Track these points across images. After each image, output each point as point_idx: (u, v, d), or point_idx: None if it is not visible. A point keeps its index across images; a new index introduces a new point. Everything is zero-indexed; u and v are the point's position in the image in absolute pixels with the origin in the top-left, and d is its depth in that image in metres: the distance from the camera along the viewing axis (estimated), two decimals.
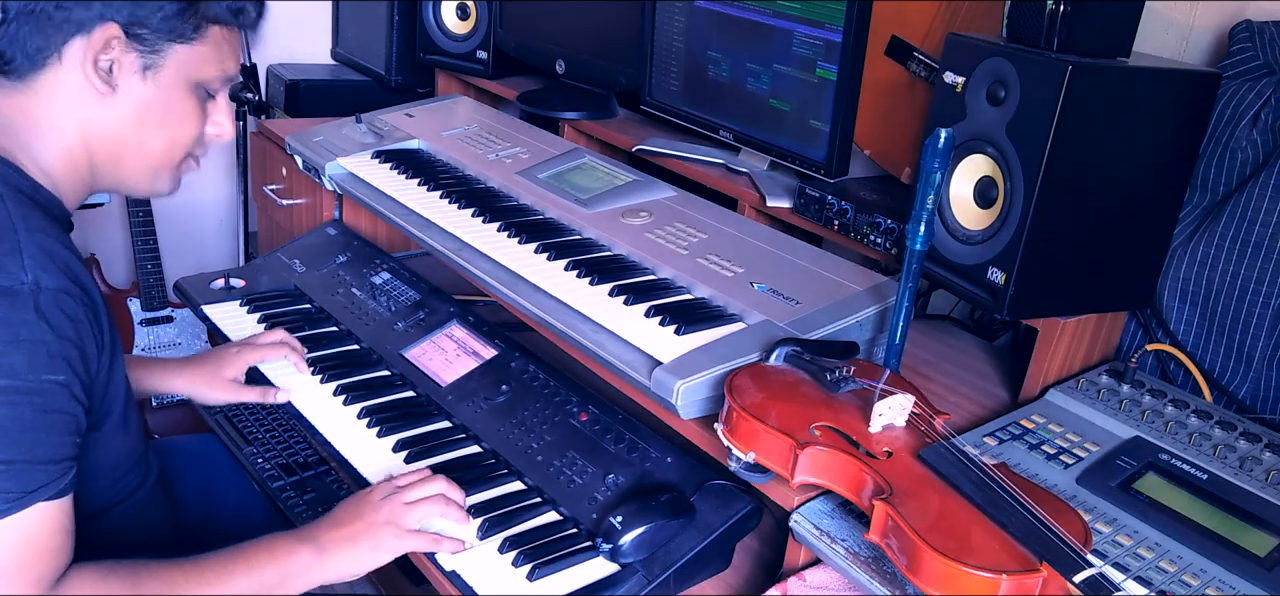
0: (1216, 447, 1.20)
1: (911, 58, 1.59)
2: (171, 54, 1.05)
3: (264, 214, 2.41)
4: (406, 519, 1.17)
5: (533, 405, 1.41)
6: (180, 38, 1.05)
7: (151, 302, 2.58)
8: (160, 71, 1.05)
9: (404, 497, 1.18)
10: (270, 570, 1.08)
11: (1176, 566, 1.00)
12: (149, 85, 1.05)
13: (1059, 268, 1.25)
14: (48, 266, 0.94)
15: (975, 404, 1.38)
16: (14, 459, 0.91)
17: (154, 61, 1.04)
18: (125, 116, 1.05)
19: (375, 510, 1.17)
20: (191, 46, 1.06)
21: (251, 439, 1.54)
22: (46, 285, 0.93)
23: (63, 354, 0.94)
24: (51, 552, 0.95)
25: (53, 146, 1.04)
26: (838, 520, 1.10)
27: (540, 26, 2.22)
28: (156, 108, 1.06)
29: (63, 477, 0.95)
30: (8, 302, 0.91)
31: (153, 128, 1.07)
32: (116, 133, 1.06)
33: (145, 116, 1.06)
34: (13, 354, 0.91)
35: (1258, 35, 1.34)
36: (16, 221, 0.96)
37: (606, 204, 1.64)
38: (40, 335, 0.92)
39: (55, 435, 0.94)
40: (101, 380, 1.03)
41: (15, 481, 0.91)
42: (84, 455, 1.02)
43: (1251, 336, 1.33)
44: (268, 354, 1.52)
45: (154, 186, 1.13)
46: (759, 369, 1.15)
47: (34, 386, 0.92)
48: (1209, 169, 1.38)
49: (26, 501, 0.92)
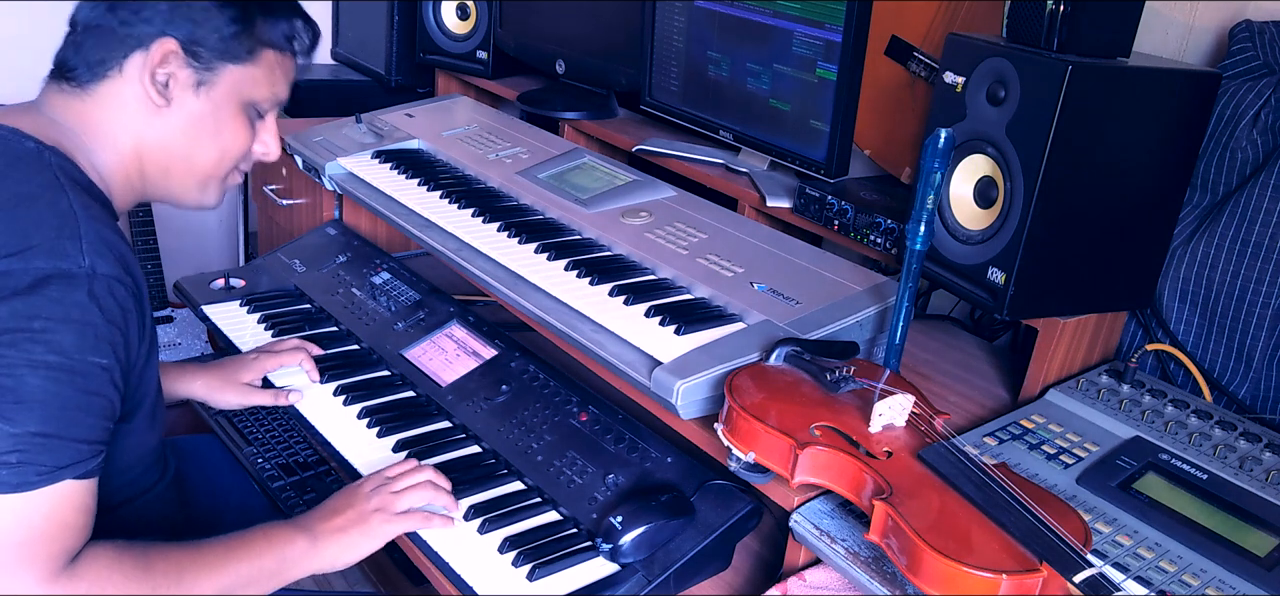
0: (1216, 447, 1.20)
1: (911, 58, 1.59)
2: (225, 73, 1.12)
3: (264, 214, 2.41)
4: (395, 504, 1.21)
5: (533, 405, 1.41)
6: (235, 58, 1.11)
7: (152, 302, 2.58)
8: (214, 89, 1.12)
9: (392, 486, 1.23)
10: (269, 556, 1.12)
11: (1176, 566, 1.00)
12: (202, 101, 1.11)
13: (1059, 267, 1.25)
14: (104, 254, 0.98)
15: (975, 404, 1.38)
16: (52, 434, 0.94)
17: (208, 79, 1.11)
18: (178, 129, 1.11)
19: (365, 499, 1.21)
20: (245, 68, 1.13)
21: (252, 439, 1.54)
22: (102, 271, 0.97)
23: (109, 338, 0.97)
24: (73, 530, 0.97)
25: (108, 152, 1.10)
26: (838, 520, 1.10)
27: (540, 26, 2.22)
28: (208, 123, 1.13)
29: (93, 459, 0.98)
30: (64, 284, 0.95)
31: (203, 142, 1.13)
32: (168, 144, 1.12)
33: (197, 131, 1.12)
34: (63, 332, 0.94)
35: (1258, 35, 1.34)
36: (78, 210, 1.00)
37: (606, 204, 1.64)
38: (91, 318, 0.96)
39: (92, 416, 0.97)
40: (138, 370, 1.06)
41: (51, 455, 0.94)
42: (113, 445, 1.05)
43: (1251, 336, 1.33)
44: (285, 360, 1.54)
45: (201, 198, 1.19)
46: (759, 369, 1.15)
47: (79, 366, 0.95)
48: (1209, 169, 1.38)
49: (58, 476, 0.94)
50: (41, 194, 1.00)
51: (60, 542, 0.96)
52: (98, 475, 0.99)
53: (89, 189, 1.06)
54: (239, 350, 1.63)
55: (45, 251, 0.95)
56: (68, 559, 0.97)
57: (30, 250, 0.95)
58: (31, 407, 0.92)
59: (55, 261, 0.95)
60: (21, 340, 0.92)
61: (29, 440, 0.92)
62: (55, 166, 1.03)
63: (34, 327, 0.92)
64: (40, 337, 0.93)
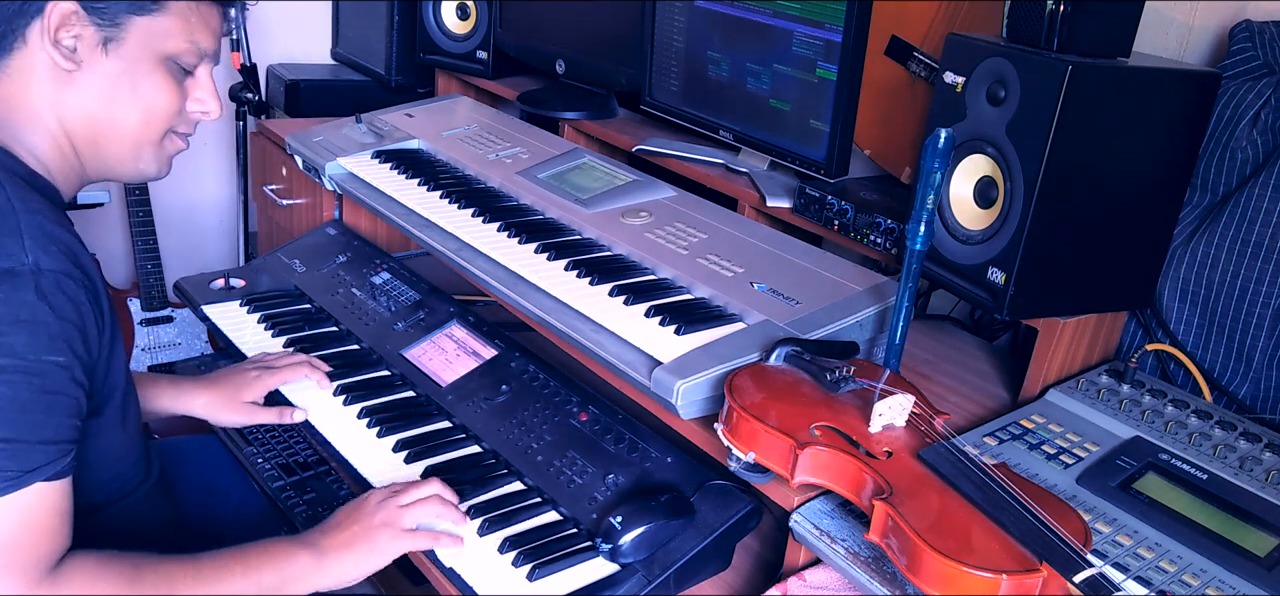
0: (1216, 447, 1.20)
1: (911, 58, 1.59)
2: (133, 26, 1.04)
3: (264, 214, 2.41)
4: (402, 520, 1.18)
5: (533, 405, 1.41)
6: (140, 10, 1.04)
7: (151, 303, 2.58)
8: (123, 44, 1.05)
9: (399, 500, 1.19)
10: (268, 573, 1.09)
11: (1176, 566, 1.00)
12: (113, 59, 1.05)
13: (1059, 267, 1.25)
14: (48, 248, 0.95)
15: (975, 404, 1.38)
16: (13, 438, 0.91)
17: (115, 34, 1.04)
18: (95, 93, 1.05)
19: (371, 514, 1.18)
20: (154, 18, 1.05)
21: (251, 439, 1.54)
22: (47, 267, 0.94)
23: (64, 335, 0.95)
24: (49, 534, 0.95)
25: (38, 134, 1.05)
26: (838, 520, 1.10)
27: (540, 26, 2.21)
28: (125, 82, 1.06)
29: (62, 459, 0.95)
30: (8, 283, 0.92)
31: (124, 103, 1.07)
32: (89, 111, 1.06)
33: (114, 91, 1.06)
34: (13, 334, 0.91)
35: (1258, 35, 1.34)
36: (16, 203, 0.96)
37: (606, 204, 1.64)
38: (41, 316, 0.93)
39: (55, 416, 0.95)
40: (102, 363, 1.03)
41: (15, 460, 0.91)
42: (85, 443, 1.03)
43: (1251, 336, 1.33)
44: (288, 376, 1.49)
45: (139, 167, 1.12)
46: (759, 369, 1.15)
47: (34, 367, 0.92)
48: (1209, 169, 1.38)
49: (25, 480, 0.92)
50: None
51: (38, 548, 0.94)
52: (70, 475, 0.97)
53: (30, 179, 1.02)
54: (239, 350, 1.63)
55: None
56: (49, 565, 0.94)
57: None
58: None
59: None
60: None
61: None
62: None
63: None
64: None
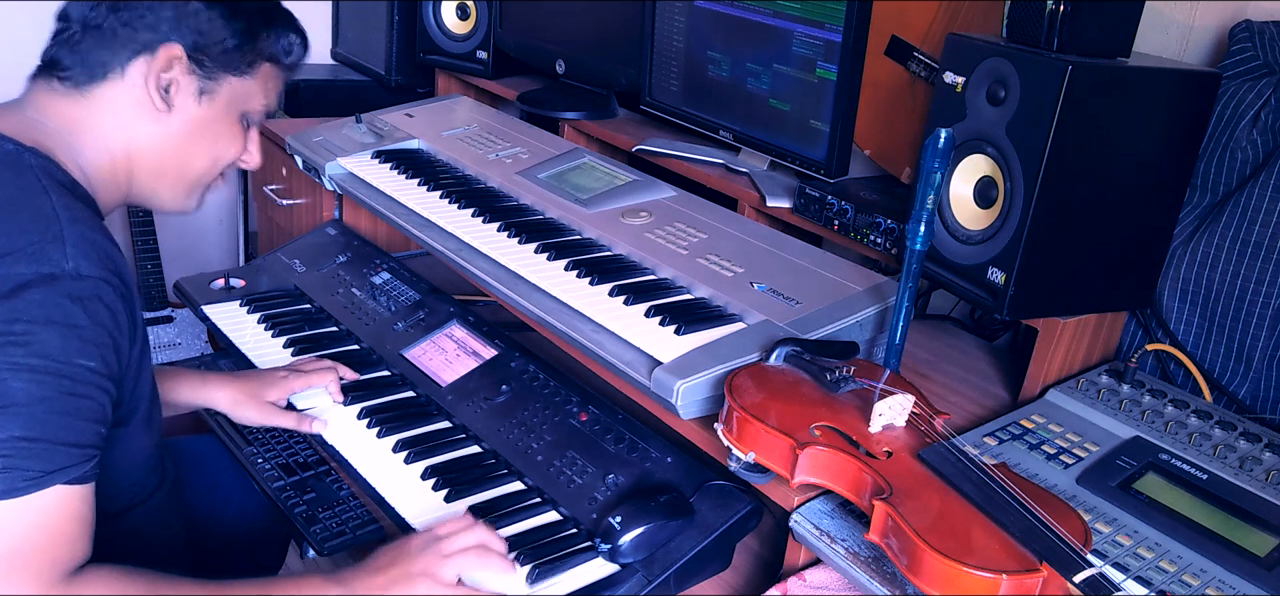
0: (1216, 447, 1.20)
1: (911, 58, 1.59)
2: (226, 83, 1.14)
3: (264, 214, 2.41)
4: (443, 568, 1.10)
5: (533, 405, 1.41)
6: (235, 70, 1.14)
7: (151, 302, 2.58)
8: (215, 98, 1.13)
9: (442, 548, 1.12)
10: None
11: (1176, 566, 1.00)
12: (204, 109, 1.13)
13: (1059, 268, 1.25)
14: (89, 255, 0.97)
15: (975, 404, 1.38)
16: (37, 437, 0.91)
17: (210, 88, 1.12)
18: (176, 134, 1.12)
19: (410, 560, 1.11)
20: (243, 80, 1.15)
21: (251, 438, 1.54)
22: (87, 273, 0.96)
23: (96, 342, 0.95)
24: (68, 540, 0.94)
25: (97, 152, 1.09)
26: (838, 520, 1.10)
27: (540, 26, 2.21)
28: (207, 131, 1.14)
29: (85, 464, 0.95)
30: (47, 287, 0.93)
31: (200, 149, 1.15)
32: (164, 149, 1.13)
33: (195, 138, 1.14)
34: (47, 335, 0.92)
35: (1258, 35, 1.34)
36: (60, 211, 0.98)
37: (606, 204, 1.64)
38: (76, 320, 0.94)
39: (81, 420, 0.95)
40: (131, 373, 1.04)
41: (37, 460, 0.91)
42: (110, 451, 1.02)
43: (1251, 336, 1.33)
44: (314, 381, 1.48)
45: (186, 203, 1.20)
46: (759, 369, 1.15)
47: (65, 369, 0.93)
48: (1209, 169, 1.38)
49: (46, 481, 0.91)
50: (22, 197, 0.98)
51: (55, 552, 0.92)
52: (92, 481, 0.96)
53: (73, 189, 1.04)
54: (239, 350, 1.63)
55: (27, 256, 0.93)
56: (66, 571, 0.93)
57: (12, 255, 0.93)
58: (15, 412, 0.90)
59: (37, 265, 0.93)
60: (3, 344, 0.90)
61: (14, 445, 0.89)
62: (36, 168, 1.01)
63: (15, 332, 0.90)
64: (22, 341, 0.90)
